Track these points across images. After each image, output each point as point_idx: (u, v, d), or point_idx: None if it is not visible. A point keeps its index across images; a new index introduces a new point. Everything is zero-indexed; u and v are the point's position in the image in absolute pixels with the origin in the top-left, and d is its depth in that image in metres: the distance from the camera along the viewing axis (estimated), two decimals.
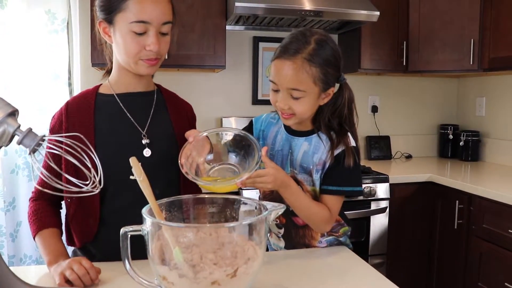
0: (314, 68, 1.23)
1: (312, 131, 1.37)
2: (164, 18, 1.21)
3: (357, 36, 3.01)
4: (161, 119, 1.37)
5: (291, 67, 1.23)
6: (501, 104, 3.19)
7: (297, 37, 1.26)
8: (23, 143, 0.87)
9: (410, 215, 2.80)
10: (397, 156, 3.49)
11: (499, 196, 2.24)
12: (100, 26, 1.27)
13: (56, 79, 2.77)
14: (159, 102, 1.39)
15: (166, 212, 1.02)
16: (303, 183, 1.37)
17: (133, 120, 1.31)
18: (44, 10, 2.70)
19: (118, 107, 1.32)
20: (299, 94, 1.24)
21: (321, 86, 1.26)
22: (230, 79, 3.19)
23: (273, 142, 1.44)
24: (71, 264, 1.09)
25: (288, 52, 1.24)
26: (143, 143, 1.30)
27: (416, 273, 2.86)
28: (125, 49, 1.22)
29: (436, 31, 2.96)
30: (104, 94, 1.33)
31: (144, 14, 1.18)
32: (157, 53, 1.24)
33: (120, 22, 1.20)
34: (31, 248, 2.73)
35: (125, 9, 1.18)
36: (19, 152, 2.70)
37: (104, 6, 1.22)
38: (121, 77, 1.32)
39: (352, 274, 1.23)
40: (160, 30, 1.22)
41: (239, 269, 0.88)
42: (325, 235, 1.44)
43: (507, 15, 2.66)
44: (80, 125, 1.27)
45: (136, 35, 1.19)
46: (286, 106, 1.27)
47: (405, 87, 3.54)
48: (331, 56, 1.26)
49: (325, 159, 1.33)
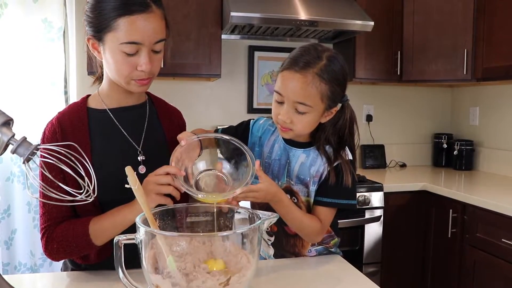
0: (324, 85, 1.21)
1: (310, 144, 1.36)
2: (156, 37, 1.14)
3: (351, 46, 3.03)
4: (154, 132, 1.34)
5: (301, 81, 1.20)
6: (494, 114, 3.21)
7: (309, 51, 1.23)
8: (17, 152, 0.88)
9: (404, 224, 2.81)
10: (391, 165, 3.51)
11: (493, 205, 2.25)
12: (89, 42, 1.20)
13: (52, 87, 2.78)
14: (151, 114, 1.36)
15: (160, 221, 1.02)
16: (298, 193, 1.37)
17: (128, 137, 1.28)
18: (41, 18, 2.72)
19: (112, 123, 1.27)
20: (305, 109, 1.22)
21: (326, 103, 1.24)
22: (225, 88, 3.20)
23: (271, 151, 1.42)
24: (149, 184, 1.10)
25: (298, 65, 1.21)
26: (139, 160, 1.27)
27: (410, 281, 2.87)
28: (116, 69, 1.16)
29: (430, 41, 2.99)
30: (96, 110, 1.28)
31: (136, 35, 1.10)
32: (149, 73, 1.17)
33: (109, 42, 1.13)
34: (25, 256, 2.73)
35: (115, 28, 1.10)
36: (15, 160, 2.70)
37: (93, 23, 1.15)
38: (113, 91, 1.27)
39: (345, 283, 1.23)
40: (153, 48, 1.15)
41: (232, 278, 0.89)
42: (315, 244, 1.44)
43: (500, 26, 2.69)
44: (76, 141, 1.18)
45: (127, 56, 1.12)
46: (288, 120, 1.24)
47: (399, 97, 3.57)
48: (340, 75, 1.25)
49: (322, 171, 1.32)
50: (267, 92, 3.23)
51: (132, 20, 1.09)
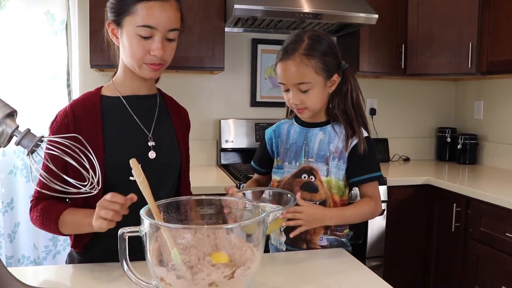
0: (313, 60, 1.36)
1: (326, 122, 1.49)
2: (170, 24, 1.22)
3: (355, 39, 3.01)
4: (164, 123, 1.40)
5: (293, 65, 1.36)
6: (499, 108, 3.20)
7: (292, 39, 1.40)
8: (21, 143, 0.87)
9: (408, 218, 2.80)
10: (395, 159, 3.50)
11: (496, 199, 2.25)
12: (109, 27, 1.28)
13: (55, 80, 2.77)
14: (162, 106, 1.42)
15: (164, 214, 1.02)
16: (317, 172, 1.45)
17: (139, 123, 1.33)
18: (43, 11, 2.70)
19: (124, 109, 1.33)
20: (306, 86, 1.37)
21: (323, 75, 1.38)
22: (229, 81, 3.19)
23: (287, 137, 1.55)
24: (101, 206, 1.09)
25: (287, 53, 1.38)
26: (149, 145, 1.32)
27: (413, 275, 2.87)
28: (130, 52, 1.23)
29: (435, 34, 2.97)
30: (109, 97, 1.34)
31: (151, 19, 1.19)
32: (161, 59, 1.24)
33: (127, 25, 1.22)
34: (29, 249, 2.73)
35: (133, 12, 1.19)
36: (18, 153, 2.70)
37: (114, 8, 1.24)
38: (127, 79, 1.34)
39: (350, 276, 1.23)
40: (166, 36, 1.23)
41: (237, 271, 0.88)
42: (327, 233, 1.46)
43: (505, 19, 2.67)
44: (88, 127, 1.27)
45: (142, 39, 1.20)
46: (298, 101, 1.40)
47: (403, 90, 3.55)
48: (326, 46, 1.39)
49: (342, 148, 1.44)
50: (270, 85, 3.22)
51: (150, 5, 1.19)
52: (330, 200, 1.46)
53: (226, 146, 3.08)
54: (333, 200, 1.46)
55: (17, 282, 0.96)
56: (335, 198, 1.46)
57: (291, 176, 1.50)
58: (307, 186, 1.46)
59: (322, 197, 1.45)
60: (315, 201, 1.45)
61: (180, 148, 1.42)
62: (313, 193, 1.45)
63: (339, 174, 1.46)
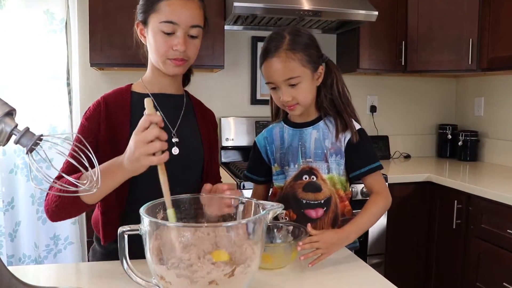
0: (298, 54, 1.36)
1: (318, 119, 1.48)
2: (192, 21, 1.27)
3: (355, 36, 3.01)
4: (189, 122, 1.43)
5: (278, 61, 1.36)
6: (499, 104, 3.19)
7: (272, 38, 1.40)
8: (20, 142, 0.87)
9: (409, 215, 2.80)
10: (395, 156, 3.50)
11: (497, 196, 2.24)
12: (138, 27, 1.35)
13: (54, 79, 2.76)
14: (188, 106, 1.45)
15: (164, 211, 1.02)
16: (318, 171, 1.45)
17: (165, 119, 1.34)
18: (43, 10, 2.70)
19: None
20: (296, 80, 1.37)
21: (310, 67, 1.38)
22: (228, 79, 3.19)
23: (281, 141, 1.53)
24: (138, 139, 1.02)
25: (270, 52, 1.38)
26: (172, 141, 1.35)
27: (414, 273, 2.87)
28: (155, 48, 1.29)
29: (435, 31, 2.97)
30: (139, 93, 1.38)
31: (173, 15, 1.25)
32: (184, 54, 1.28)
33: (152, 22, 1.28)
34: (30, 248, 2.73)
35: (158, 10, 1.26)
36: (18, 152, 2.70)
37: (142, 7, 1.31)
38: (155, 77, 1.38)
39: (351, 274, 1.23)
40: (189, 32, 1.28)
41: (237, 269, 0.88)
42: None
43: (505, 15, 2.66)
44: (117, 117, 1.31)
45: (165, 34, 1.26)
46: (289, 98, 1.38)
47: (403, 87, 3.54)
48: (308, 39, 1.40)
49: (337, 142, 1.44)
50: None
51: (172, 2, 1.26)
52: (335, 196, 1.46)
53: (226, 144, 3.08)
54: (338, 195, 1.46)
55: (18, 282, 0.96)
56: (340, 193, 1.46)
57: (292, 179, 1.48)
58: (310, 187, 1.45)
59: (326, 195, 1.45)
60: (319, 200, 1.44)
61: (204, 147, 1.43)
62: (316, 192, 1.45)
63: (340, 170, 1.46)
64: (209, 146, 1.46)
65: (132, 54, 2.65)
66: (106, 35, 2.55)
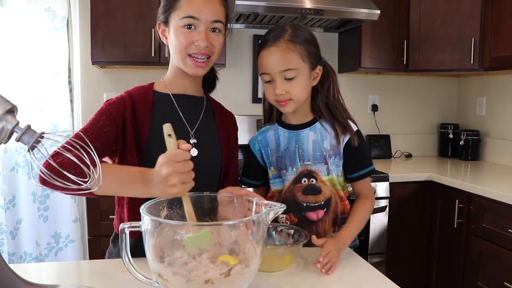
0: (299, 46, 1.32)
1: (314, 120, 1.44)
2: (213, 16, 1.26)
3: (357, 35, 3.00)
4: (208, 124, 1.42)
5: (277, 51, 1.32)
6: (501, 104, 3.19)
7: (273, 30, 1.37)
8: (21, 140, 0.87)
9: (410, 214, 2.80)
10: (397, 155, 3.49)
11: (499, 195, 2.24)
12: (159, 28, 1.34)
13: (56, 77, 2.77)
14: (208, 108, 1.44)
15: (168, 209, 1.02)
16: (317, 173, 1.42)
17: (184, 120, 1.35)
18: (44, 7, 2.70)
19: (172, 105, 1.36)
20: (292, 73, 1.32)
21: (308, 63, 1.34)
22: (230, 78, 3.18)
23: (277, 143, 1.48)
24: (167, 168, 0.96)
25: (269, 42, 1.34)
26: (190, 142, 1.34)
27: (416, 272, 2.86)
28: (175, 44, 1.28)
29: (437, 30, 2.96)
30: (160, 92, 1.38)
31: (193, 10, 1.24)
32: (206, 49, 1.27)
33: (173, 20, 1.27)
34: (31, 246, 2.74)
35: (178, 7, 1.26)
36: (19, 150, 2.70)
37: (163, 7, 1.31)
38: (176, 77, 1.37)
39: (352, 273, 1.23)
40: (210, 27, 1.27)
41: (234, 269, 0.88)
42: (336, 230, 1.44)
43: (508, 14, 2.65)
44: (139, 113, 1.30)
45: (186, 30, 1.25)
46: (283, 91, 1.33)
47: (405, 86, 3.54)
48: (309, 36, 1.36)
49: (335, 144, 1.41)
50: None
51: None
52: (335, 196, 1.44)
53: None
54: (339, 196, 1.45)
55: (19, 280, 0.96)
56: (341, 194, 1.45)
57: (291, 183, 1.45)
58: (310, 189, 1.43)
59: (326, 197, 1.43)
60: (319, 202, 1.43)
61: (222, 150, 1.41)
62: (316, 195, 1.43)
63: (338, 171, 1.44)
64: (228, 149, 1.44)
65: (133, 52, 2.68)
66: (108, 33, 2.55)
